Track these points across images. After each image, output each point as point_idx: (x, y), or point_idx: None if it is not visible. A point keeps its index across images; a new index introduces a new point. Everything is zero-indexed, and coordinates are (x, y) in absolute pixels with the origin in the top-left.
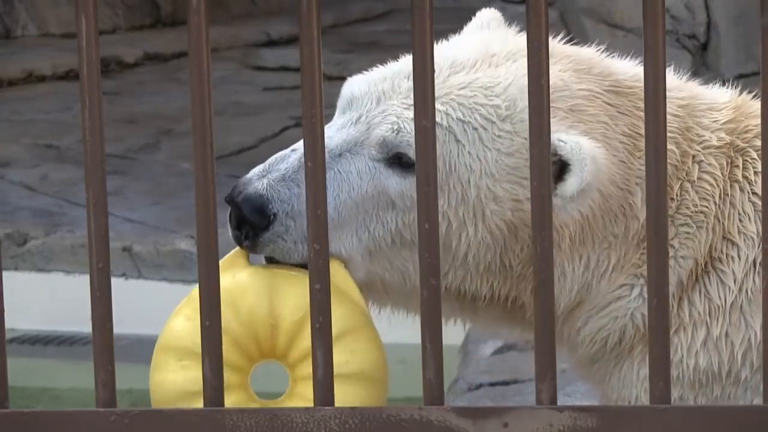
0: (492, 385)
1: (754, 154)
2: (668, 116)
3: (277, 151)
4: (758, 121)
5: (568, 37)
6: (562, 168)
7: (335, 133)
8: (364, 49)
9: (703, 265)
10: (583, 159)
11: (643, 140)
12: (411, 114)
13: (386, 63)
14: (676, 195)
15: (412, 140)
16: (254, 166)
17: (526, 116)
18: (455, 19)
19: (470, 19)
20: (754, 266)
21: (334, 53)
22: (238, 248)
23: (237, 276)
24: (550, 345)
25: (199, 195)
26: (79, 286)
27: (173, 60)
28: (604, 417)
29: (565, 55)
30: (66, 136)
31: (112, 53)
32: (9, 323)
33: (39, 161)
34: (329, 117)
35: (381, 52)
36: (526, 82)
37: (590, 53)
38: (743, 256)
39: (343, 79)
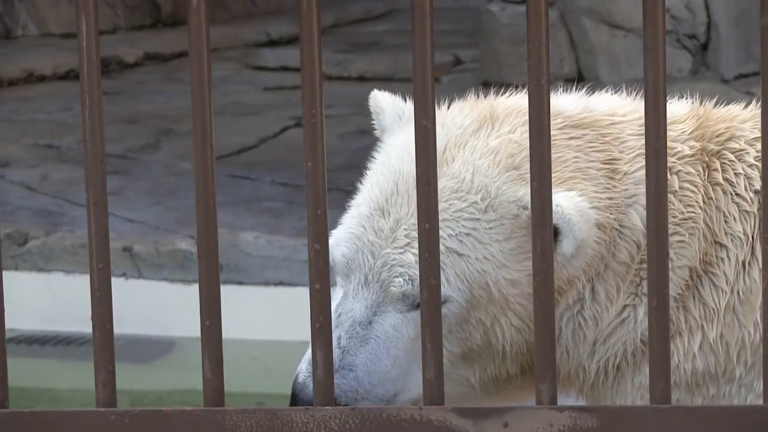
0: None
1: (731, 156)
2: (636, 137)
3: (277, 151)
4: (727, 124)
5: (568, 37)
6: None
7: (353, 302)
8: (365, 49)
9: (696, 272)
10: (569, 220)
11: (620, 164)
12: (409, 256)
13: (386, 63)
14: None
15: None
16: (254, 166)
17: (503, 193)
18: (455, 19)
19: (470, 19)
20: (743, 266)
21: (334, 53)
22: None
23: None
24: (550, 345)
25: (199, 195)
26: (80, 286)
27: (173, 60)
28: (605, 417)
29: (509, 113)
30: (66, 136)
31: (112, 53)
32: (9, 323)
33: (39, 161)
34: (329, 117)
35: (381, 52)
36: (484, 161)
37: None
38: (732, 257)
39: (343, 79)
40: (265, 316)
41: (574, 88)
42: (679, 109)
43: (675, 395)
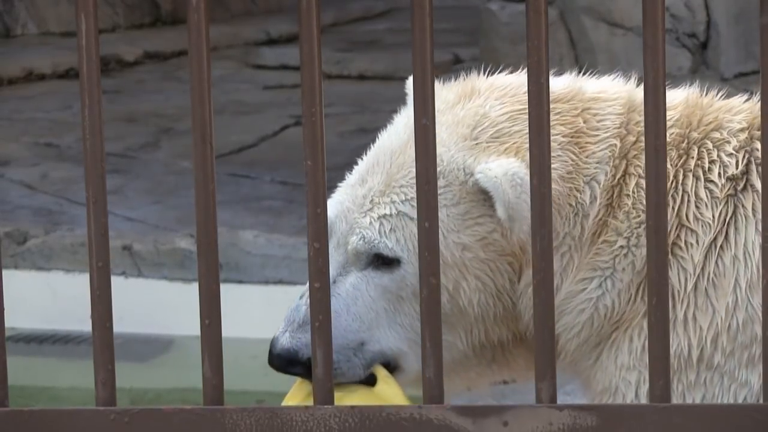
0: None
1: (711, 145)
2: (616, 116)
3: (277, 150)
4: (717, 114)
5: (568, 36)
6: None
7: (331, 264)
8: (364, 47)
9: None
10: (496, 182)
11: (588, 139)
12: (368, 218)
13: (386, 62)
14: (632, 191)
15: (378, 239)
16: (254, 165)
17: (453, 161)
18: (455, 18)
19: (470, 18)
20: (714, 248)
21: (334, 52)
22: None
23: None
24: (549, 344)
25: (199, 194)
26: (79, 284)
27: (173, 59)
28: (604, 416)
29: (489, 88)
30: (66, 134)
31: (112, 52)
32: (9, 322)
33: (39, 160)
34: (329, 115)
35: (381, 50)
36: (446, 131)
37: (515, 79)
38: (701, 241)
39: (343, 77)
40: (265, 315)
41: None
42: (674, 96)
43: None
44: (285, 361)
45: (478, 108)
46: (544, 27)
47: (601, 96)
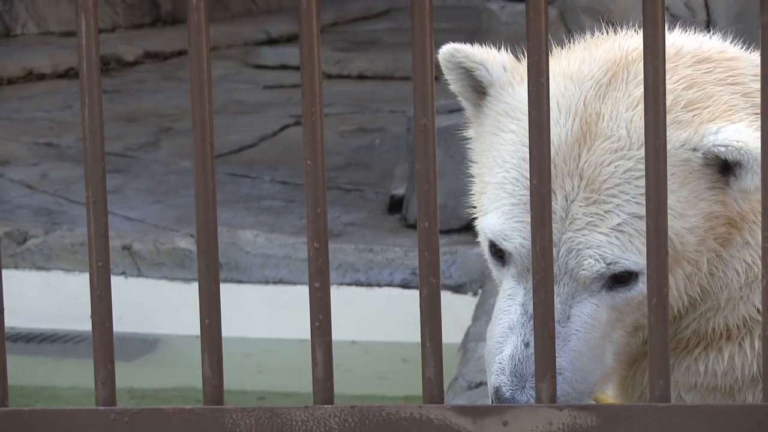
0: None
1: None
2: (752, 77)
3: (276, 149)
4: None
5: (568, 35)
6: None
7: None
8: (364, 47)
9: None
10: (753, 153)
11: (756, 98)
12: (594, 236)
13: (386, 61)
14: None
15: (622, 255)
16: (254, 165)
17: (667, 141)
18: (455, 18)
19: (470, 17)
20: None
21: (333, 51)
22: None
23: None
24: (549, 343)
25: (199, 193)
26: (79, 284)
27: (173, 58)
28: (604, 416)
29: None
30: (66, 134)
31: (111, 51)
32: (9, 322)
33: (39, 159)
34: (329, 115)
35: (381, 50)
36: (633, 113)
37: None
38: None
39: (342, 77)
40: (265, 315)
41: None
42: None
43: None
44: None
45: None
46: (544, 27)
47: (733, 54)
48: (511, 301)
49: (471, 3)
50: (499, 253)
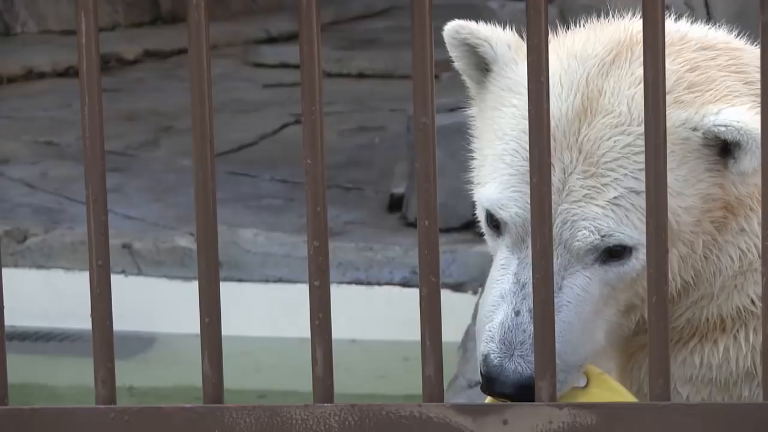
0: None
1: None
2: (754, 67)
3: (276, 148)
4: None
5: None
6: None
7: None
8: (364, 46)
9: None
10: (752, 134)
11: (757, 88)
12: (591, 208)
13: (386, 60)
14: None
15: (617, 228)
16: (254, 163)
17: (667, 119)
18: (455, 17)
19: (469, 16)
20: None
21: (334, 50)
22: None
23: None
24: (549, 343)
25: (198, 192)
26: (79, 283)
27: (173, 57)
28: (604, 414)
29: (678, 39)
30: (66, 133)
31: (111, 50)
32: (9, 320)
33: (39, 158)
34: (329, 114)
35: (381, 49)
36: (635, 90)
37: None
38: None
39: (342, 76)
40: (265, 313)
41: None
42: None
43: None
44: (528, 390)
45: (692, 54)
46: (544, 25)
47: (737, 44)
48: (504, 271)
49: (471, 2)
50: (494, 223)
